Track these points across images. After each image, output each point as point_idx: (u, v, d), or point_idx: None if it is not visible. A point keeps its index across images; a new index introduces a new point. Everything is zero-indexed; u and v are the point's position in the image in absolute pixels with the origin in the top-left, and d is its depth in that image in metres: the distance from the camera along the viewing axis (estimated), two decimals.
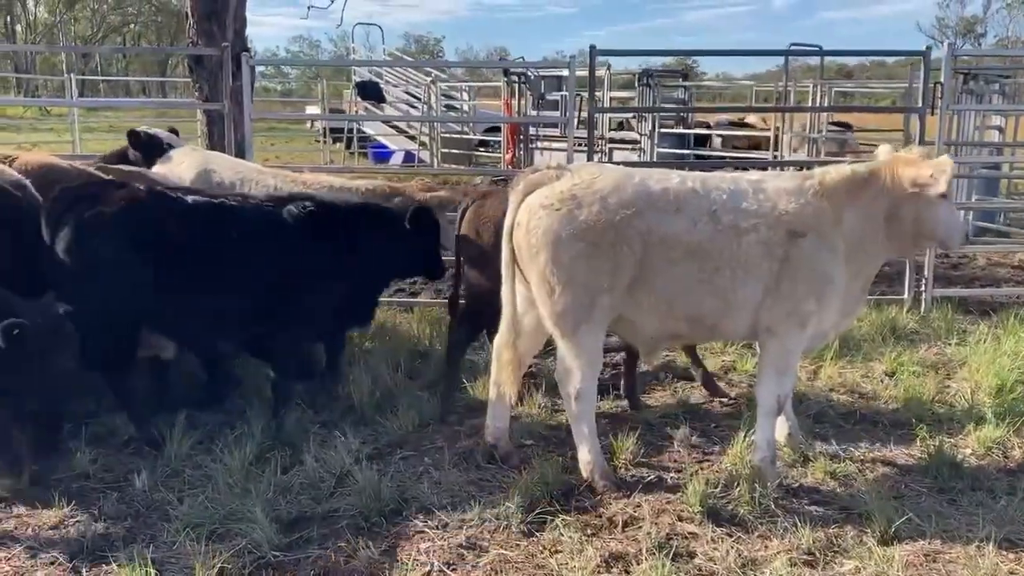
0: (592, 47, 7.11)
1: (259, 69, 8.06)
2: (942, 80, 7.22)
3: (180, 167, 5.95)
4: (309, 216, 5.01)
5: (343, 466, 4.60)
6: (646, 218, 4.29)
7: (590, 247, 4.26)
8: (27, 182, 5.10)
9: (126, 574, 3.66)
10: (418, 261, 5.50)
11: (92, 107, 22.36)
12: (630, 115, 16.01)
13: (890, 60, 50.71)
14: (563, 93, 17.58)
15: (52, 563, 3.82)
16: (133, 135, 6.98)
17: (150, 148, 6.70)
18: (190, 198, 4.99)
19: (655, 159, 14.41)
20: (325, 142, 21.41)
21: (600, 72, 7.86)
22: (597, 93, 8.96)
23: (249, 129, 7.50)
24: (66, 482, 4.50)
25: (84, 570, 3.77)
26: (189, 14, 9.72)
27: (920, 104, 7.28)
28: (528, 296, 4.56)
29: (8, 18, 54.34)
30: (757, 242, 4.32)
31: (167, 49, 38.23)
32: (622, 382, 5.75)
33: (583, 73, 8.14)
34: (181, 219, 4.86)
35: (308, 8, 17.20)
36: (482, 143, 20.51)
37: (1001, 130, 12.16)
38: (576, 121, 7.54)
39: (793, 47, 13.85)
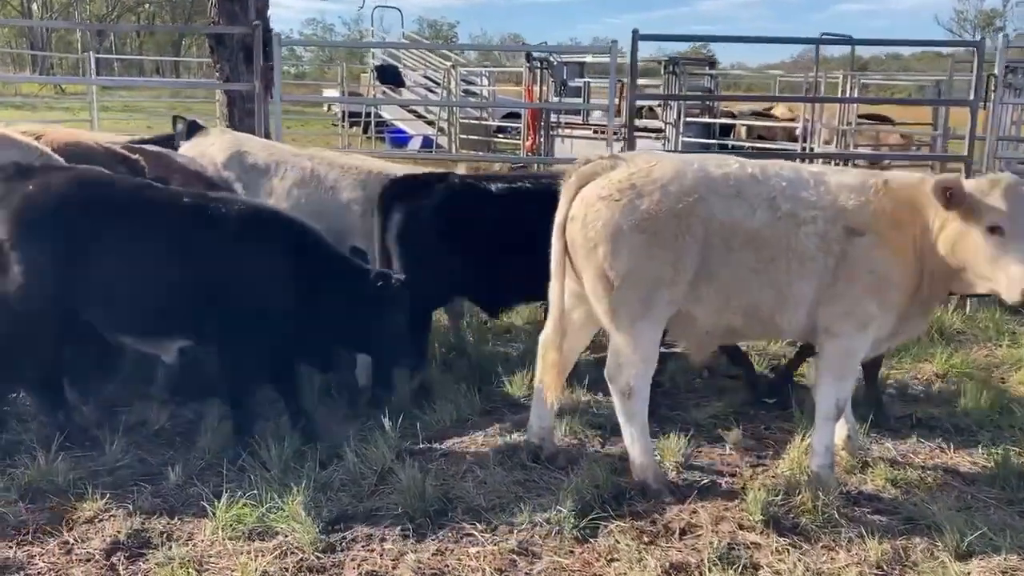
0: (635, 31, 6.88)
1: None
2: (996, 72, 6.97)
3: (212, 148, 5.76)
4: None
5: (384, 463, 4.43)
6: (707, 204, 4.10)
7: (652, 238, 4.06)
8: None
9: (166, 574, 3.50)
10: None
11: (111, 86, 22.13)
12: (655, 103, 15.73)
13: (906, 53, 50.63)
14: (585, 79, 17.41)
15: (88, 560, 3.67)
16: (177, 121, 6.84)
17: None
18: (494, 186, 5.43)
19: (680, 148, 14.17)
20: (343, 126, 21.19)
21: (623, 59, 7.62)
22: (623, 80, 8.71)
23: (279, 111, 7.30)
24: (101, 474, 4.34)
25: (121, 568, 3.61)
26: None
27: (972, 97, 7.03)
28: (577, 292, 4.38)
29: None
30: (814, 234, 4.12)
31: (192, 28, 37.74)
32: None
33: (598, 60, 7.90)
34: (493, 205, 5.31)
35: None
36: (500, 129, 20.27)
37: None
38: (616, 108, 7.32)
39: (824, 36, 13.56)
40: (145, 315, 4.57)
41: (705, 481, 4.47)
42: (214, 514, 3.92)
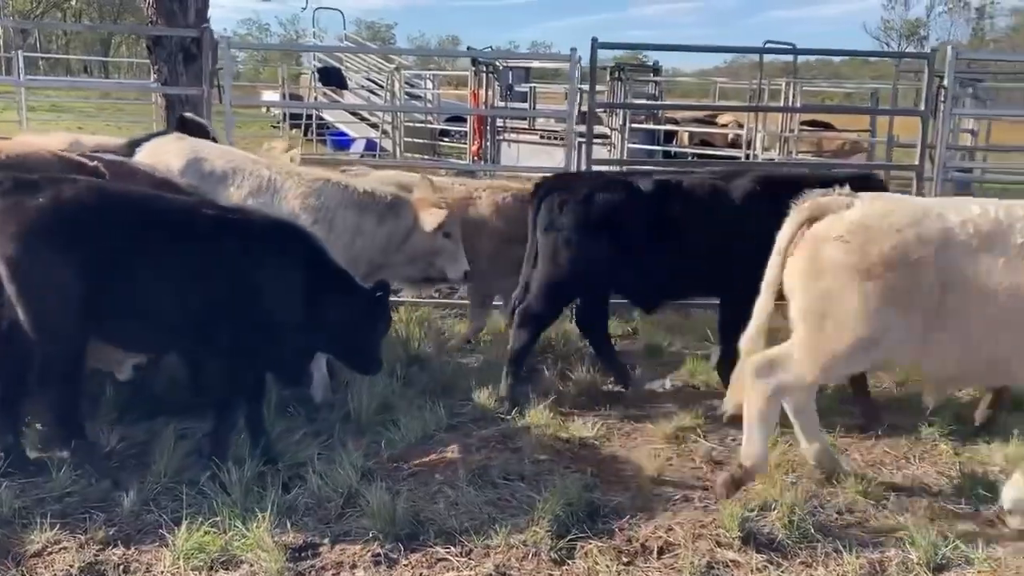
0: (594, 40, 6.84)
1: None
2: (945, 84, 7.10)
3: (167, 156, 5.51)
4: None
5: (349, 484, 4.27)
6: (946, 254, 3.91)
7: (879, 285, 3.91)
8: None
9: None
10: None
11: (40, 87, 21.32)
12: (601, 109, 15.76)
13: (836, 61, 51.95)
14: (531, 84, 17.38)
15: None
16: (182, 122, 6.83)
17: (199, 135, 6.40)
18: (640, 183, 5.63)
19: (626, 154, 14.22)
20: (283, 128, 20.78)
21: (566, 65, 7.55)
22: (581, 87, 8.68)
23: (229, 116, 7.07)
24: (49, 502, 4.09)
25: None
26: None
27: (923, 107, 7.15)
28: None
29: None
30: None
31: (134, 28, 36.57)
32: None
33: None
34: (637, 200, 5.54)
35: None
36: (443, 132, 20.10)
37: (974, 133, 12.22)
38: (577, 115, 7.27)
39: (768, 44, 13.74)
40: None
41: (677, 496, 4.42)
42: (174, 543, 3.73)
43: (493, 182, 6.80)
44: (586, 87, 7.66)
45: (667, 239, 5.47)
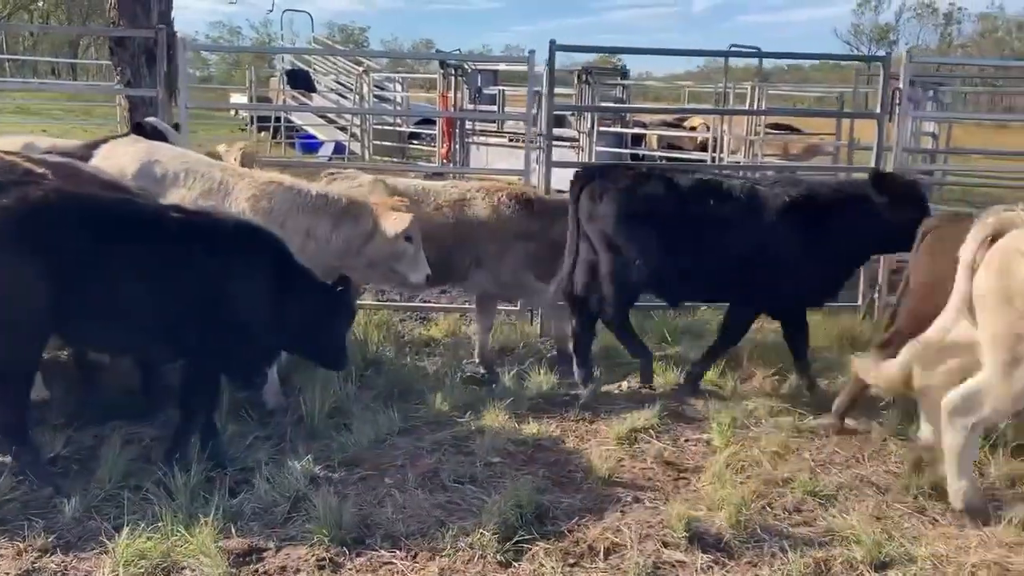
0: (552, 42, 6.83)
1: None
2: (901, 86, 7.18)
3: (123, 159, 5.45)
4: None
5: (297, 488, 4.24)
6: None
7: None
8: None
9: None
10: None
11: (2, 88, 21.02)
12: (569, 112, 15.80)
13: (806, 65, 52.44)
14: (500, 88, 17.37)
15: None
16: (138, 127, 6.87)
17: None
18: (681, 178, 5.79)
19: (594, 157, 14.24)
20: (251, 130, 20.64)
21: (539, 68, 7.54)
22: (539, 89, 8.68)
23: (184, 118, 7.00)
24: None
25: None
26: None
27: (879, 110, 7.22)
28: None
29: None
30: None
31: (94, 29, 36.09)
32: None
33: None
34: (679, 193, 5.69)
35: None
36: (413, 135, 20.04)
37: (935, 136, 12.35)
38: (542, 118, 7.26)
39: (733, 48, 13.82)
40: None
41: (627, 496, 4.42)
42: (114, 549, 3.67)
43: (486, 183, 6.73)
44: (557, 90, 7.64)
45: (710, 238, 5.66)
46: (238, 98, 23.72)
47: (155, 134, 6.61)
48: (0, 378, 4.22)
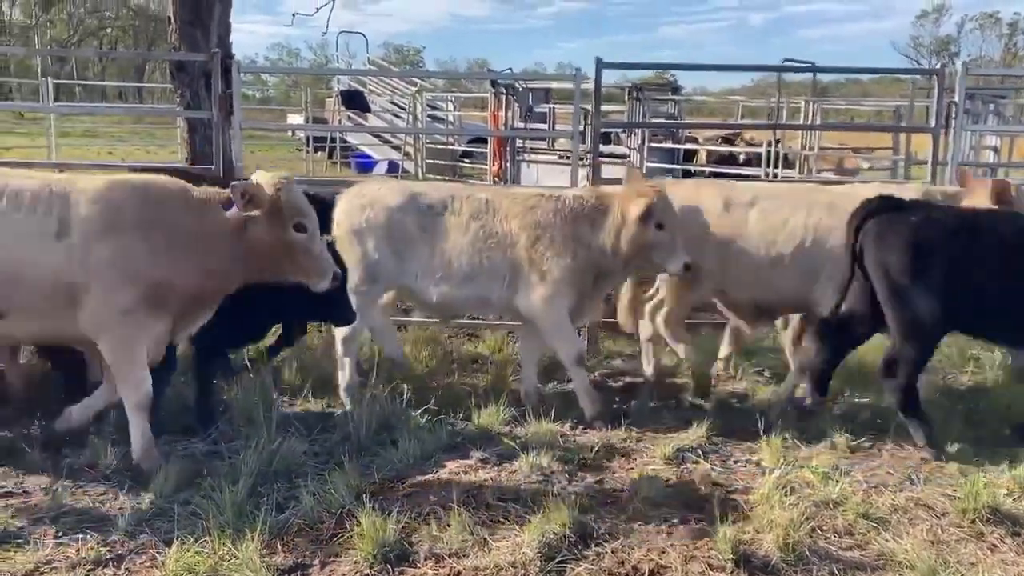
0: (598, 59, 6.85)
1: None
2: (956, 99, 7.02)
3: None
4: None
5: (343, 504, 4.28)
6: None
7: None
8: None
9: None
10: None
11: (67, 113, 21.77)
12: (619, 129, 15.79)
13: (864, 78, 51.55)
14: (551, 105, 17.44)
15: None
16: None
17: None
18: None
19: (644, 174, 14.17)
20: (308, 151, 21.03)
21: (587, 85, 7.54)
22: (586, 107, 8.69)
23: (239, 139, 7.16)
24: (44, 521, 4.13)
25: None
26: (172, 18, 9.37)
27: (934, 123, 7.07)
28: None
29: None
30: None
31: (152, 55, 37.37)
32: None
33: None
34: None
35: (293, 16, 17.11)
36: (465, 154, 20.22)
37: (996, 150, 12.05)
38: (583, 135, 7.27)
39: (786, 63, 13.68)
40: None
41: (674, 517, 4.36)
42: (164, 563, 3.75)
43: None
44: (607, 107, 7.65)
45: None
46: (295, 118, 24.18)
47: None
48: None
